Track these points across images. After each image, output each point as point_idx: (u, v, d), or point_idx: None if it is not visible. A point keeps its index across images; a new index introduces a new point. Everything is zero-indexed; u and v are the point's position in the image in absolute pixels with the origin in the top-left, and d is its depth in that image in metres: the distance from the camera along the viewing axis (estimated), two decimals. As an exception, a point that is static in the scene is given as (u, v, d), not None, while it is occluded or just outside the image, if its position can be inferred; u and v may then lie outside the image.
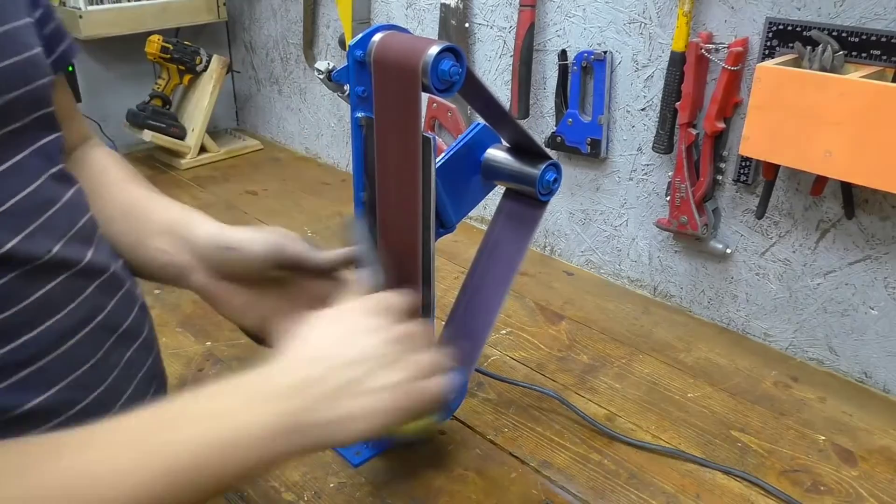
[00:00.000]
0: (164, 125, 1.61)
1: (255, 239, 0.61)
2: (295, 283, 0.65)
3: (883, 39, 0.80)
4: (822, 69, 0.82)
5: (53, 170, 0.55)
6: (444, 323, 0.79)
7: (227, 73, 1.70)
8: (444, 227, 0.76)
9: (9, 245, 0.48)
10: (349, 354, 0.49)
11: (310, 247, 0.63)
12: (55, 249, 0.51)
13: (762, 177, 0.93)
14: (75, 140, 0.68)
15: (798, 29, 0.86)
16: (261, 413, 0.45)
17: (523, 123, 1.18)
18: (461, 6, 1.24)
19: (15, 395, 0.48)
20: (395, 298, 0.56)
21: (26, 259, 0.50)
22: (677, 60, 0.97)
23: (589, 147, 1.13)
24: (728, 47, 0.92)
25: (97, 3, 1.55)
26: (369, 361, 0.49)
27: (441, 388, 0.53)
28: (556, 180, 0.74)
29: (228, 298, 0.62)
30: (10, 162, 0.52)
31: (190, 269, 0.62)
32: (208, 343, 1.00)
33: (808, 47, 0.84)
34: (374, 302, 0.55)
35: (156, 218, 0.63)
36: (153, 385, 0.63)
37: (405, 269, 0.69)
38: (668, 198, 1.05)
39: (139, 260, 0.63)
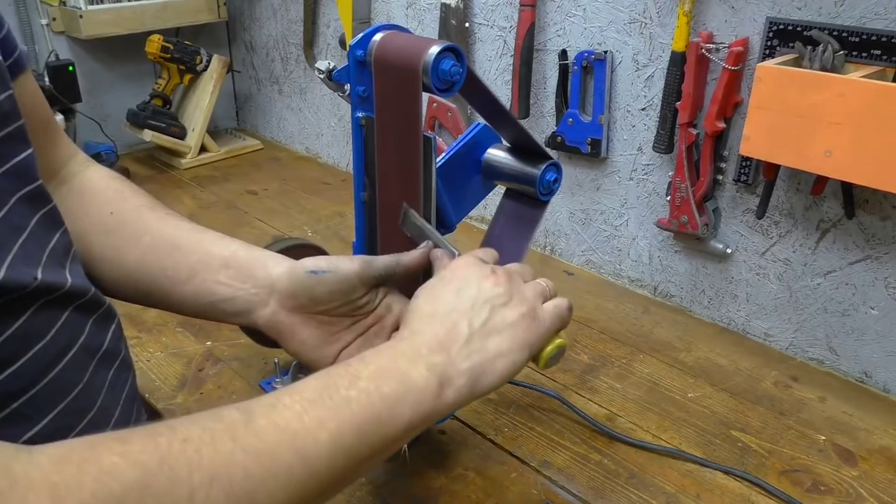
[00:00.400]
0: (164, 125, 1.61)
1: (342, 259, 0.61)
2: (367, 312, 0.63)
3: (883, 39, 0.80)
4: (823, 69, 0.82)
5: (24, 190, 0.50)
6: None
7: (228, 72, 1.70)
8: (445, 226, 0.76)
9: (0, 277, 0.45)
10: (469, 303, 0.52)
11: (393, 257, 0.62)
12: (39, 276, 0.48)
13: (762, 176, 0.93)
14: (61, 159, 0.65)
15: (798, 28, 0.86)
16: (415, 371, 0.47)
17: (524, 123, 1.18)
18: (461, 6, 1.24)
19: (9, 428, 0.47)
20: (483, 253, 0.59)
21: (16, 288, 0.47)
22: (678, 60, 0.97)
23: (589, 147, 1.13)
24: (728, 47, 0.92)
25: (97, 3, 1.55)
26: (489, 303, 0.52)
27: (561, 308, 0.56)
28: (557, 180, 0.74)
29: (298, 332, 0.60)
30: None
31: (259, 302, 0.60)
32: (208, 343, 1.00)
33: (809, 47, 0.84)
34: (469, 259, 0.57)
35: (215, 252, 0.61)
36: (135, 405, 0.61)
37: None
38: (668, 198, 1.05)
39: (187, 295, 0.60)
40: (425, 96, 0.63)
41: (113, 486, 0.34)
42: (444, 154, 0.74)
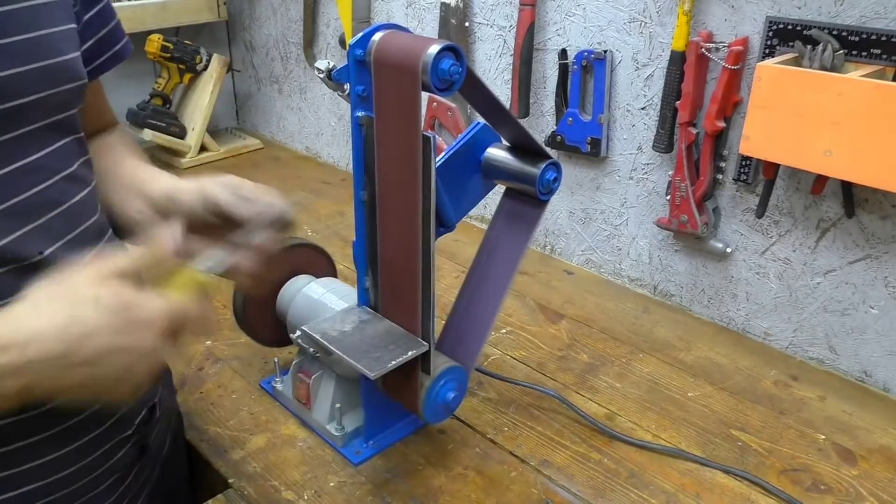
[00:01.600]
0: (164, 124, 1.61)
1: (190, 188, 0.65)
2: (229, 232, 0.65)
3: (883, 38, 0.80)
4: (823, 68, 0.82)
5: (68, 171, 0.58)
6: (444, 322, 0.79)
7: (228, 72, 1.70)
8: (444, 226, 0.76)
9: None
10: (67, 334, 0.46)
11: (237, 199, 0.65)
12: (47, 252, 0.53)
13: (762, 176, 0.93)
14: (103, 126, 0.76)
15: (798, 28, 0.86)
16: None
17: (523, 122, 1.18)
18: (461, 5, 1.24)
19: None
20: (132, 261, 0.51)
21: (15, 259, 0.53)
22: (677, 59, 0.96)
23: (589, 146, 1.12)
24: (728, 46, 0.92)
25: (97, 3, 1.55)
26: (87, 343, 0.47)
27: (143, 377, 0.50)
28: (556, 179, 0.74)
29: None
30: (21, 162, 0.55)
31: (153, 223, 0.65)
32: (208, 343, 1.00)
33: (809, 46, 0.84)
34: (108, 269, 0.49)
35: (137, 183, 0.69)
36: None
37: (405, 268, 0.69)
38: (668, 197, 1.05)
39: (128, 224, 0.67)
40: (425, 95, 0.63)
41: None
42: (443, 153, 0.74)
